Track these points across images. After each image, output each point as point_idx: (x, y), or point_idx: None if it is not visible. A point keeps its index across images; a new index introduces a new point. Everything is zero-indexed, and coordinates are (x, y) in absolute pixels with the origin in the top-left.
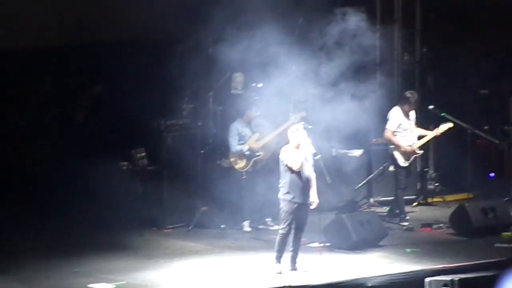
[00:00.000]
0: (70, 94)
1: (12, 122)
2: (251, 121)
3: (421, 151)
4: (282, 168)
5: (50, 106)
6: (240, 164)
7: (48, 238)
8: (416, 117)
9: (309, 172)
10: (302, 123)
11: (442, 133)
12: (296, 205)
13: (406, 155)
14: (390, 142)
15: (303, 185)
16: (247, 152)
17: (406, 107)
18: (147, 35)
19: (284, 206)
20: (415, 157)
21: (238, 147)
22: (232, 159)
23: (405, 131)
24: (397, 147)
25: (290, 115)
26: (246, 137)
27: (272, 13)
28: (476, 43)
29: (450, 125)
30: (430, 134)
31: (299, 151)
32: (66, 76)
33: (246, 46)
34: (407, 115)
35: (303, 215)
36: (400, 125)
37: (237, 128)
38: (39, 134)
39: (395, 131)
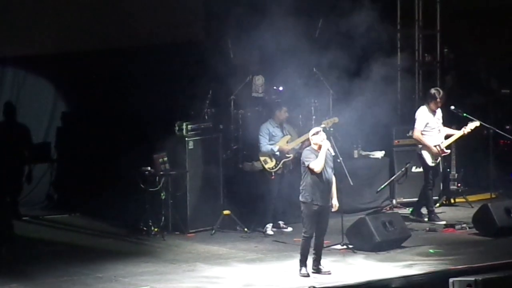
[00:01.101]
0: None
1: None
2: (282, 122)
3: (448, 151)
4: (303, 170)
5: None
6: (270, 164)
7: (71, 243)
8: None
9: (330, 174)
10: (324, 125)
11: (469, 132)
12: (317, 208)
13: (434, 154)
14: (419, 141)
15: (324, 187)
16: (277, 153)
17: (432, 105)
18: (168, 39)
19: (305, 209)
20: (443, 156)
21: (269, 147)
22: (262, 158)
23: (433, 130)
24: (425, 147)
25: (323, 120)
26: (277, 138)
27: (292, 15)
28: (497, 43)
29: (477, 123)
30: (457, 133)
31: (321, 153)
32: (86, 82)
33: (266, 49)
34: (433, 113)
35: (324, 217)
36: (427, 124)
37: (268, 128)
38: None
39: (423, 131)
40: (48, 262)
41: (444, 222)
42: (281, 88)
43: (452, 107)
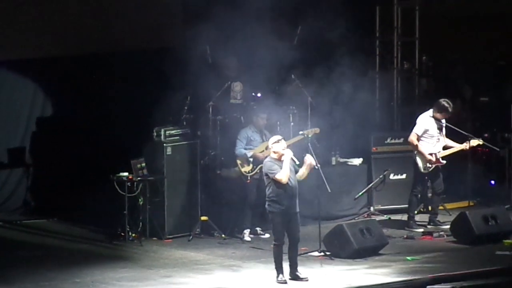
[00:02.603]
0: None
1: None
2: (262, 128)
3: (444, 161)
4: (266, 181)
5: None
6: (246, 168)
7: (48, 248)
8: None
9: (295, 181)
10: (302, 133)
11: (471, 148)
12: (285, 216)
13: (427, 161)
14: (411, 145)
15: (291, 194)
16: (250, 159)
17: (439, 115)
18: (147, 45)
19: (273, 218)
20: (437, 166)
21: (242, 151)
22: (239, 162)
23: (432, 138)
24: (419, 153)
25: (304, 129)
26: (255, 142)
27: (271, 22)
28: (476, 51)
29: (480, 142)
30: (458, 147)
31: (285, 163)
32: (62, 87)
33: (245, 55)
34: (438, 122)
35: (294, 224)
36: (427, 131)
37: (246, 132)
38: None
39: (421, 136)
40: (25, 267)
41: (421, 230)
42: (259, 95)
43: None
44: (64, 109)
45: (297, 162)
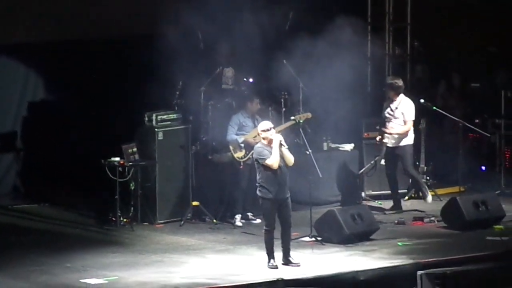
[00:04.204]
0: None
1: None
2: (254, 114)
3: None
4: (257, 166)
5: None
6: (239, 154)
7: (40, 233)
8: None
9: (285, 166)
10: (294, 118)
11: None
12: (275, 201)
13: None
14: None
15: (281, 180)
16: (242, 144)
17: (390, 94)
18: (139, 30)
19: (264, 204)
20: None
21: (234, 137)
22: (232, 147)
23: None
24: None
25: (295, 114)
26: (247, 128)
27: (263, 7)
28: (467, 37)
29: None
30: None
31: (274, 148)
32: (54, 71)
33: (236, 41)
34: (391, 102)
35: (285, 210)
36: (387, 112)
37: (238, 118)
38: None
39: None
40: (16, 252)
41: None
42: (251, 80)
43: (422, 100)
44: (55, 94)
45: (286, 147)
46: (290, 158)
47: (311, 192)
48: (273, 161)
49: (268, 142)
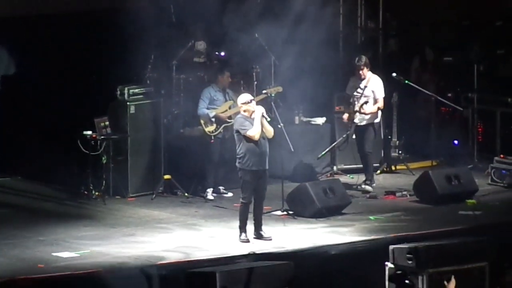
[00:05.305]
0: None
1: None
2: (225, 87)
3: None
4: (237, 138)
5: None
6: (210, 128)
7: (12, 206)
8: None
9: (265, 138)
10: (266, 91)
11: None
12: (255, 173)
13: None
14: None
15: (261, 152)
16: (213, 119)
17: (363, 71)
18: (111, 4)
19: (243, 175)
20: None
21: (205, 111)
22: (203, 121)
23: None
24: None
25: (267, 87)
26: (218, 102)
27: None
28: (440, 10)
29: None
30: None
31: (256, 120)
32: (26, 46)
33: (208, 14)
34: (359, 80)
35: (262, 182)
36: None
37: (209, 92)
38: None
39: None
40: None
41: (370, 188)
42: (222, 54)
43: (394, 74)
44: (27, 68)
45: (268, 119)
46: (270, 130)
47: (283, 166)
48: (255, 132)
49: (249, 113)
